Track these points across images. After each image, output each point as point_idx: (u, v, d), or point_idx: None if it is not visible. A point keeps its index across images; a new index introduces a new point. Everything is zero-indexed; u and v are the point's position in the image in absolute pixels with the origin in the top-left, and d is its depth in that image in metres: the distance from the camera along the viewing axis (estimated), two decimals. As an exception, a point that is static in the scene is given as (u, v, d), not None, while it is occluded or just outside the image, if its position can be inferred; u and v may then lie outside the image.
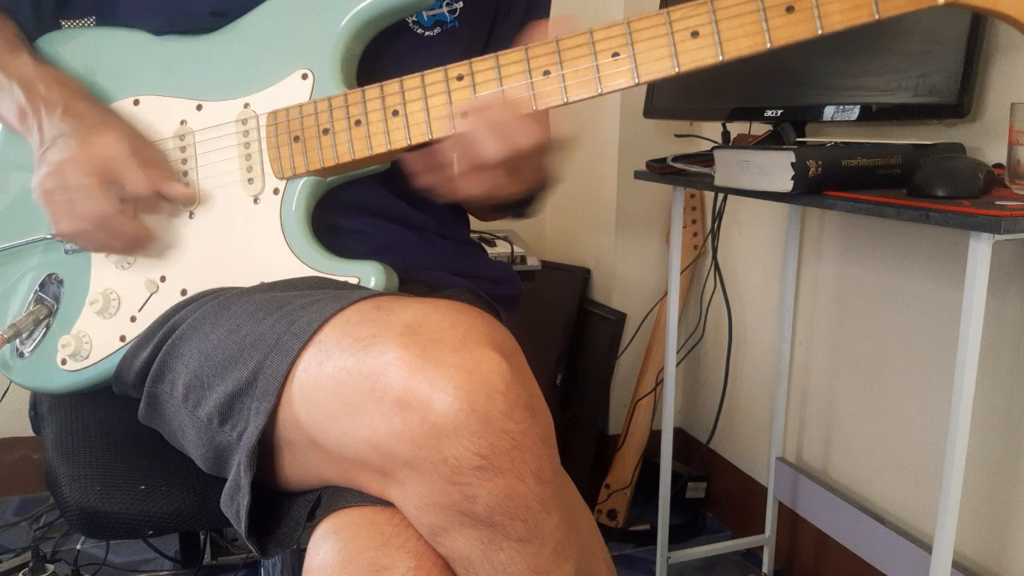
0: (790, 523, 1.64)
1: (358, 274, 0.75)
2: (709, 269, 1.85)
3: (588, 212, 2.06)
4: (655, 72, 0.69)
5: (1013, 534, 1.17)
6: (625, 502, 1.85)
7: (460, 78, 0.72)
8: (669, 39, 0.68)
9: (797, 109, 1.23)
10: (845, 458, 1.51)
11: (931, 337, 1.29)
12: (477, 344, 0.57)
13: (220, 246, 0.80)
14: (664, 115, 1.62)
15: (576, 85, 0.70)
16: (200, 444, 0.70)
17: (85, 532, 0.73)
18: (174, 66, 0.83)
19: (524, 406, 0.57)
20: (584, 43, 0.70)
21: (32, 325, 0.85)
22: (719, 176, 1.17)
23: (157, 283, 0.81)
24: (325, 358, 0.60)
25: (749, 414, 1.79)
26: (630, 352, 1.96)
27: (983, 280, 0.90)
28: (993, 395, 1.19)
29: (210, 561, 1.64)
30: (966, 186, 0.94)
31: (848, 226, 1.46)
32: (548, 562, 0.59)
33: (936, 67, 1.04)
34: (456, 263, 0.91)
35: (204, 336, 0.70)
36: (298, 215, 0.78)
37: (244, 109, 0.80)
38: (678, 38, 0.68)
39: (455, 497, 0.55)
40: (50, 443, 0.81)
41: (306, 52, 0.78)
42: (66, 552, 1.68)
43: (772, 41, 0.67)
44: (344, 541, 0.60)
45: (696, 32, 0.68)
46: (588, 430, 1.94)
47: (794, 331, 1.60)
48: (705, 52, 0.68)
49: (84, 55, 0.86)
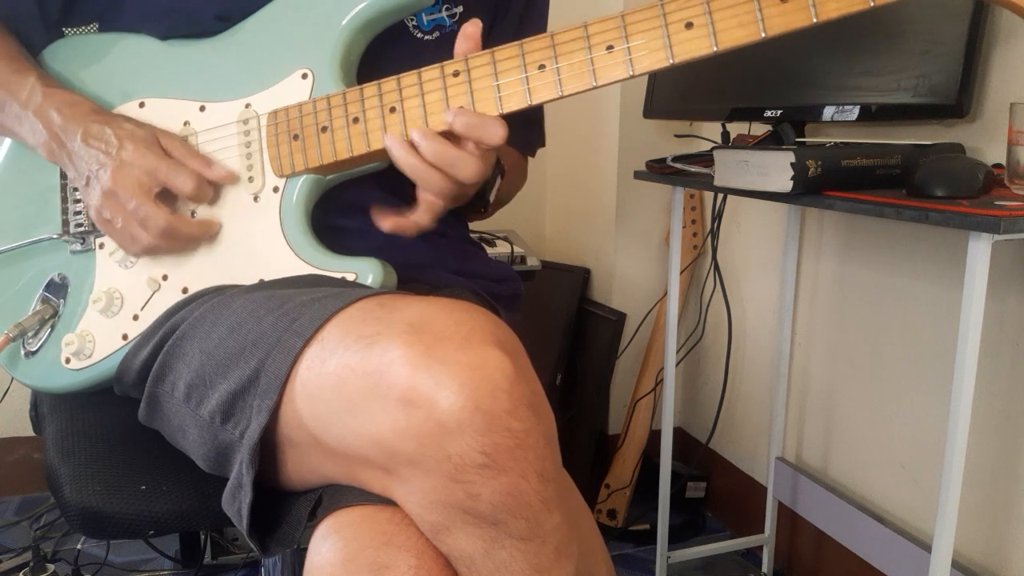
0: (790, 523, 1.64)
1: (356, 270, 0.75)
2: (709, 269, 1.85)
3: (588, 212, 2.07)
4: (650, 64, 0.69)
5: (1013, 534, 1.18)
6: (625, 502, 1.85)
7: (456, 74, 0.73)
8: (663, 31, 0.68)
9: (797, 109, 1.23)
10: (845, 458, 1.51)
11: (931, 337, 1.29)
12: (481, 342, 0.57)
13: (221, 244, 0.80)
14: (664, 115, 1.62)
15: (571, 78, 0.70)
16: (202, 443, 0.70)
17: (86, 532, 0.73)
18: (178, 69, 0.83)
19: (528, 404, 0.57)
20: (579, 36, 0.70)
21: (37, 325, 0.85)
22: (719, 176, 1.17)
23: (159, 281, 0.82)
24: (328, 355, 0.61)
25: (749, 414, 1.80)
26: (630, 352, 1.96)
27: (983, 280, 0.90)
28: (993, 395, 1.19)
29: (211, 561, 1.64)
30: (965, 186, 0.94)
31: (848, 226, 1.46)
32: (549, 561, 0.59)
33: (936, 67, 1.05)
34: (456, 263, 0.91)
35: (205, 335, 0.70)
36: (297, 213, 0.78)
37: (245, 109, 0.80)
38: (672, 30, 0.68)
39: (458, 495, 0.56)
40: (51, 443, 0.81)
41: (306, 52, 0.79)
42: (67, 552, 1.68)
43: (767, 31, 0.67)
44: (345, 540, 0.60)
45: (690, 23, 0.68)
46: (588, 430, 1.94)
47: (794, 331, 1.60)
48: (700, 43, 0.68)
49: (90, 62, 0.87)
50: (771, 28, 0.67)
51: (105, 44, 0.87)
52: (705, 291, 1.90)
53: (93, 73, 0.86)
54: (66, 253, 0.86)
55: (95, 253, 0.85)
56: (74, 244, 0.86)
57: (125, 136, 0.78)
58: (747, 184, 1.10)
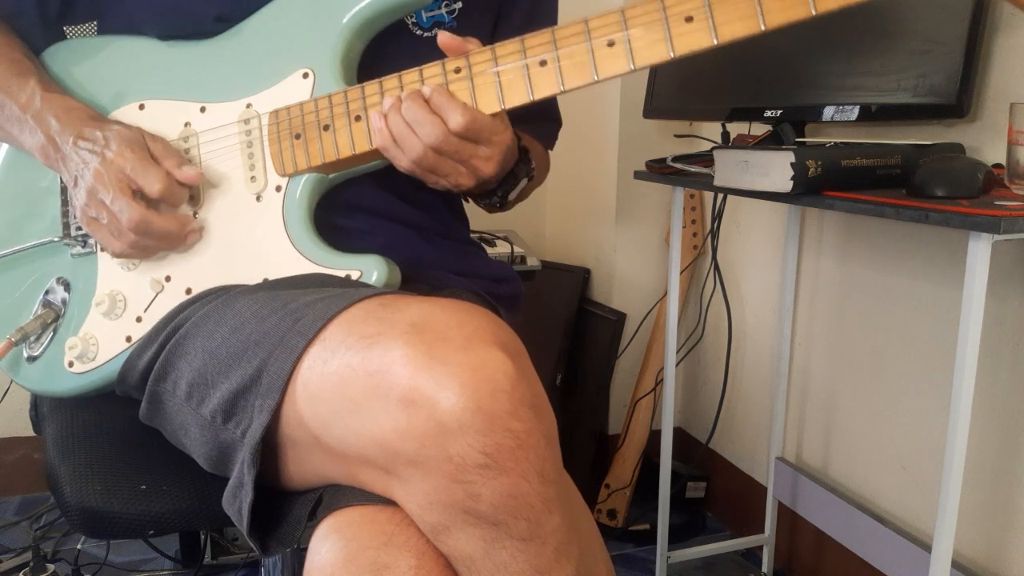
0: (790, 523, 1.64)
1: (361, 267, 0.76)
2: (709, 269, 1.85)
3: (588, 212, 2.07)
4: (651, 57, 0.69)
5: (1013, 534, 1.18)
6: (625, 502, 1.85)
7: (458, 71, 0.73)
8: (663, 24, 0.68)
9: (797, 109, 1.23)
10: (845, 458, 1.51)
11: (931, 337, 1.29)
12: (483, 343, 0.57)
13: (224, 244, 0.80)
14: (664, 115, 1.62)
15: (572, 72, 0.71)
16: (203, 442, 0.70)
17: (86, 532, 0.73)
18: (178, 70, 0.83)
19: (529, 405, 0.57)
20: (580, 31, 0.70)
21: (39, 329, 0.85)
22: (719, 176, 1.17)
23: (162, 283, 0.82)
24: (330, 355, 0.61)
25: (749, 414, 1.80)
26: (630, 352, 1.96)
27: (982, 280, 0.90)
28: (993, 395, 1.19)
29: (210, 561, 1.64)
30: (965, 186, 0.94)
31: (848, 226, 1.46)
32: (549, 561, 0.59)
33: (935, 67, 1.05)
34: (456, 263, 0.91)
35: (208, 334, 0.70)
36: (300, 211, 0.78)
37: (246, 109, 0.80)
38: (672, 23, 0.68)
39: (459, 495, 0.56)
40: (51, 442, 0.81)
41: (306, 51, 0.79)
42: (67, 552, 1.68)
43: (766, 23, 0.67)
44: (346, 540, 0.60)
45: (690, 17, 0.68)
46: (588, 430, 1.94)
47: (794, 331, 1.60)
48: (700, 36, 0.68)
49: (90, 64, 0.87)
50: (771, 21, 0.67)
51: (104, 46, 0.87)
52: (705, 291, 1.90)
53: (93, 75, 0.86)
54: (67, 256, 0.86)
55: (96, 256, 0.85)
56: (75, 247, 0.86)
57: (112, 136, 0.79)
58: (747, 184, 1.11)
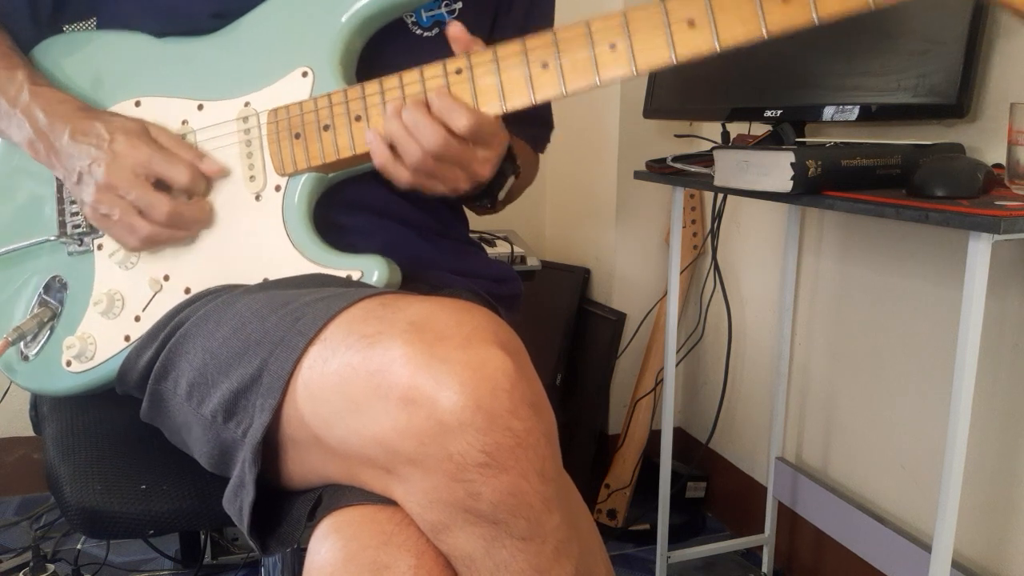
0: (790, 523, 1.64)
1: (361, 268, 0.75)
2: (709, 269, 1.85)
3: (588, 212, 2.07)
4: (653, 62, 0.69)
5: (1013, 534, 1.18)
6: (625, 502, 1.85)
7: (459, 72, 0.73)
8: (666, 29, 0.68)
9: (797, 109, 1.23)
10: (845, 458, 1.51)
11: (931, 337, 1.29)
12: (483, 342, 0.57)
13: (223, 244, 0.80)
14: (664, 115, 1.62)
15: (574, 76, 0.71)
16: (204, 441, 0.70)
17: (86, 532, 0.73)
18: (175, 67, 0.83)
19: (529, 404, 0.57)
20: (582, 34, 0.70)
21: (36, 328, 0.85)
22: (719, 176, 1.17)
23: (161, 282, 0.81)
24: (330, 355, 0.61)
25: (749, 414, 1.80)
26: (630, 352, 1.96)
27: (982, 280, 0.90)
28: (993, 395, 1.19)
29: (210, 561, 1.64)
30: (965, 186, 0.94)
31: (848, 226, 1.46)
32: (549, 561, 0.59)
33: (935, 67, 1.05)
34: (456, 262, 0.91)
35: (209, 334, 0.70)
36: (300, 211, 0.78)
37: (245, 108, 0.80)
38: (675, 28, 0.68)
39: (459, 494, 0.56)
40: (51, 442, 0.81)
41: (306, 50, 0.78)
42: (67, 552, 1.68)
43: (768, 30, 0.67)
44: (345, 540, 0.60)
45: (693, 21, 0.68)
46: (588, 430, 1.94)
47: (793, 331, 1.60)
48: (702, 41, 0.68)
49: (84, 59, 0.86)
50: (773, 27, 0.67)
51: (99, 41, 0.86)
52: (705, 291, 1.90)
53: (87, 71, 0.86)
54: (64, 255, 0.86)
55: (94, 254, 0.84)
56: (72, 245, 0.85)
57: (115, 129, 0.78)
58: (747, 184, 1.11)
